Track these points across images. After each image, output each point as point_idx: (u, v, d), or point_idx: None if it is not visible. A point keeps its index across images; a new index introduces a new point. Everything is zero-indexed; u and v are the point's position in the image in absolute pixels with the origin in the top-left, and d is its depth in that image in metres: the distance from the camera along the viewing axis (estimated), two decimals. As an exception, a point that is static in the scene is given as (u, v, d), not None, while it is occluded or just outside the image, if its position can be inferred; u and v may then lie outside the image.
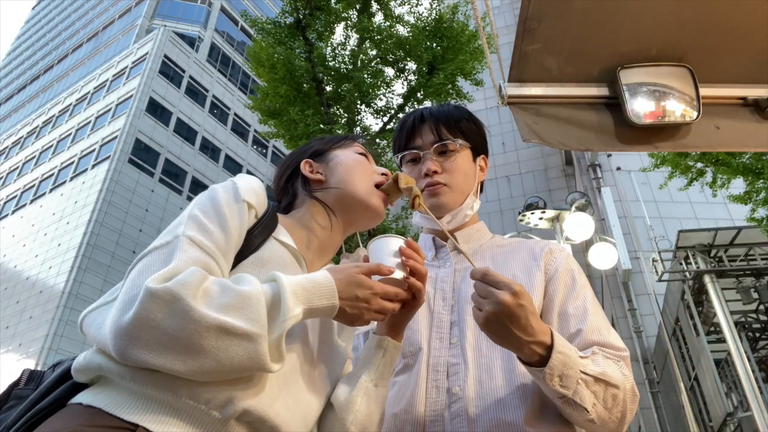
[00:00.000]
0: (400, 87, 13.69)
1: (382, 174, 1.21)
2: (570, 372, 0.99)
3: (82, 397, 0.84)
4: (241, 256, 0.98)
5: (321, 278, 0.92)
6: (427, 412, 1.12)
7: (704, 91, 1.60)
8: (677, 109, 1.59)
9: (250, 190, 1.02)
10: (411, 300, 1.03)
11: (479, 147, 1.43)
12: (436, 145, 1.36)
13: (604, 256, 7.57)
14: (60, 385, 0.89)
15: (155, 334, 0.77)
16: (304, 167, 1.21)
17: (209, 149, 32.06)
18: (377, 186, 1.19)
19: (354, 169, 1.19)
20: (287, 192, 1.23)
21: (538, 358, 0.99)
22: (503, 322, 0.95)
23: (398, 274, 1.00)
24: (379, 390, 1.04)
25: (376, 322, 1.08)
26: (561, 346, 1.00)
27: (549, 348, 0.99)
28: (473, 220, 1.42)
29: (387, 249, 1.03)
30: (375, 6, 11.25)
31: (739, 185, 7.46)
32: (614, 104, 1.63)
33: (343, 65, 10.81)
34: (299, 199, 1.20)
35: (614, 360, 1.10)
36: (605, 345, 1.13)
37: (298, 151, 1.28)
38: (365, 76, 10.52)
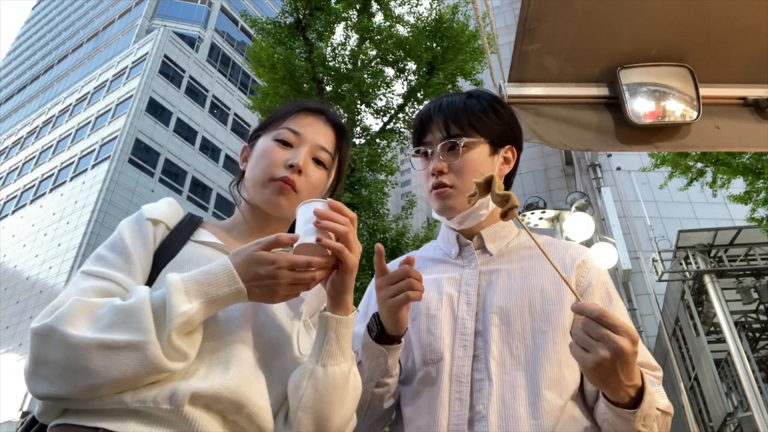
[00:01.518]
0: (400, 87, 13.71)
1: (290, 166, 1.10)
2: (652, 412, 0.98)
3: (53, 422, 0.90)
4: (161, 265, 1.00)
5: (217, 267, 0.90)
6: (450, 426, 1.09)
7: (704, 91, 1.60)
8: (677, 109, 1.59)
9: (154, 209, 1.06)
10: (340, 264, 0.96)
11: (501, 138, 1.30)
12: (442, 143, 1.27)
13: (604, 256, 7.57)
14: (31, 428, 0.95)
15: (49, 369, 0.82)
16: (241, 155, 1.22)
17: (209, 149, 32.05)
18: (283, 179, 1.09)
19: (260, 161, 1.12)
20: None
21: (629, 399, 0.97)
22: (615, 368, 0.89)
23: (308, 239, 0.92)
24: (329, 370, 0.96)
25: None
26: (650, 386, 0.98)
27: (640, 390, 0.96)
28: (496, 217, 1.29)
29: (304, 216, 0.96)
30: (375, 6, 11.25)
31: (739, 185, 7.46)
32: (614, 104, 1.63)
33: (343, 65, 10.81)
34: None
35: (658, 383, 1.11)
36: (646, 366, 1.12)
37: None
38: (365, 76, 10.52)
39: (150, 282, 0.99)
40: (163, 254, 1.02)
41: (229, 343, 0.95)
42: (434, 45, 10.64)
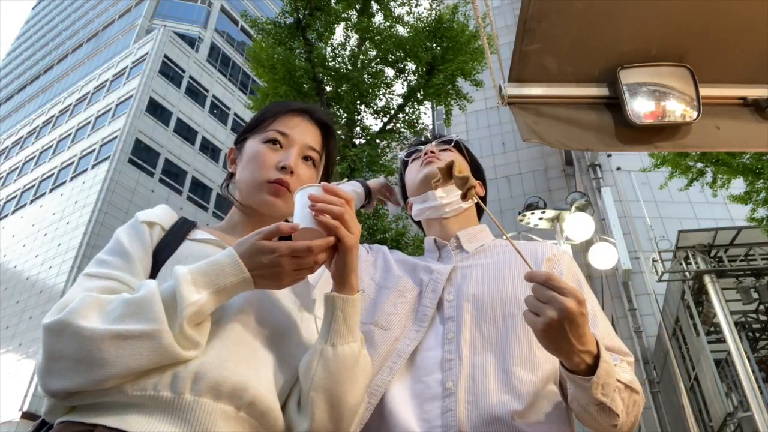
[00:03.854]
0: (399, 87, 13.72)
1: (282, 168, 1.12)
2: (610, 380, 1.00)
3: (55, 420, 0.92)
4: (160, 263, 1.03)
5: (223, 257, 0.93)
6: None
7: (704, 91, 1.60)
8: (677, 109, 1.59)
9: (149, 213, 1.09)
10: (339, 244, 0.99)
11: (475, 174, 1.52)
12: (437, 141, 1.51)
13: (604, 256, 7.57)
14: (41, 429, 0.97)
15: (62, 363, 0.84)
16: (228, 156, 1.24)
17: (209, 149, 32.05)
18: (277, 181, 1.12)
19: (250, 163, 1.15)
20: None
21: (585, 367, 0.99)
22: (564, 329, 0.93)
23: (305, 224, 0.95)
24: (338, 349, 0.98)
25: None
26: (605, 354, 1.01)
27: (596, 357, 0.99)
28: (474, 221, 1.45)
29: (300, 202, 0.99)
30: (375, 6, 11.26)
31: (739, 185, 7.46)
32: (614, 104, 1.63)
33: (343, 66, 10.81)
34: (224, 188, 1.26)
35: (629, 366, 1.15)
36: (616, 350, 1.16)
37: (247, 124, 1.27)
38: (365, 76, 10.52)
39: (151, 278, 1.01)
40: (163, 252, 1.04)
41: (232, 329, 0.97)
42: (434, 45, 10.65)
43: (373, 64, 10.96)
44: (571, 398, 1.11)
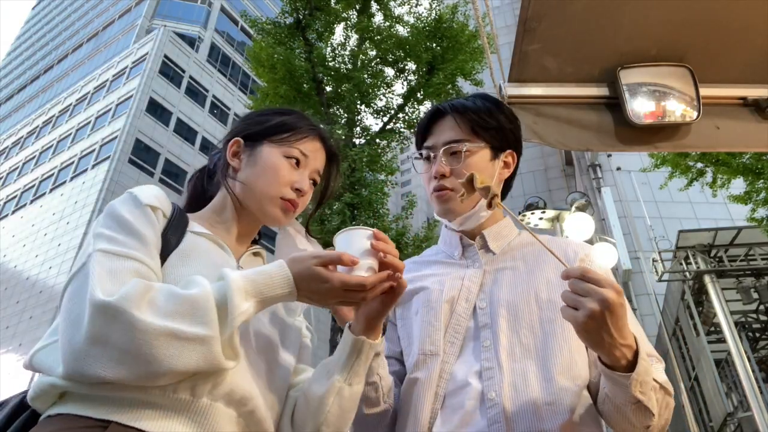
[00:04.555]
0: (400, 87, 13.70)
1: (297, 189, 1.14)
2: (648, 379, 0.99)
3: (51, 411, 0.86)
4: (166, 253, 0.99)
5: (275, 270, 0.92)
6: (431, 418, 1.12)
7: (704, 91, 1.60)
8: (677, 109, 1.59)
9: (149, 195, 1.02)
10: (389, 293, 1.00)
11: (502, 143, 1.33)
12: (445, 147, 1.29)
13: (604, 257, 7.56)
14: (15, 419, 0.90)
15: (106, 350, 0.79)
16: (230, 148, 1.19)
17: (209, 149, 31.72)
18: (290, 201, 1.13)
19: (267, 173, 1.13)
20: (217, 161, 1.22)
21: (625, 363, 0.97)
22: (605, 320, 0.91)
23: (365, 266, 0.96)
24: (353, 388, 1.03)
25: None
26: (644, 351, 0.99)
27: (635, 353, 0.97)
28: (497, 217, 1.36)
29: (355, 244, 0.98)
30: (375, 6, 11.26)
31: (739, 185, 7.46)
32: (614, 104, 1.63)
33: (343, 65, 10.81)
34: (216, 178, 1.20)
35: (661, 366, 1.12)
36: (650, 354, 1.13)
37: (246, 120, 1.24)
38: (365, 76, 10.52)
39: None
40: (167, 242, 1.01)
41: (244, 339, 0.97)
42: (434, 45, 10.65)
43: (373, 64, 10.97)
44: (603, 399, 1.08)
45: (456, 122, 1.31)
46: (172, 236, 1.02)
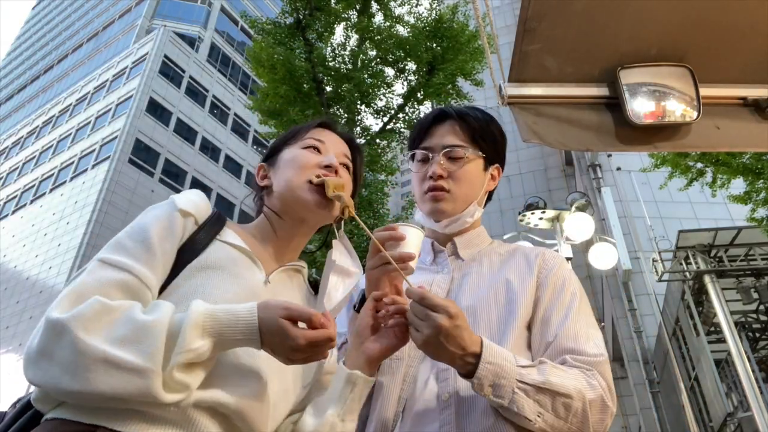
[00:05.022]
0: (400, 87, 13.69)
1: (326, 166, 1.15)
2: (503, 382, 1.01)
3: (49, 415, 0.89)
4: (185, 261, 0.99)
5: (243, 313, 0.89)
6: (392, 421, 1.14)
7: (704, 91, 1.60)
8: (677, 109, 1.59)
9: (187, 200, 1.04)
10: (401, 337, 1.07)
11: (494, 157, 1.39)
12: (446, 150, 1.33)
13: (604, 256, 7.56)
14: (21, 416, 0.93)
15: (50, 364, 0.82)
16: (258, 174, 1.23)
17: (209, 149, 32.02)
18: (317, 181, 1.13)
19: (289, 167, 1.16)
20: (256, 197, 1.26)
21: (472, 368, 1.01)
22: (440, 342, 0.98)
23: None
24: (346, 424, 1.04)
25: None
26: (491, 356, 1.02)
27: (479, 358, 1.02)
28: (474, 225, 1.40)
29: (416, 238, 1.08)
30: (375, 6, 11.26)
31: (739, 185, 7.46)
32: (614, 104, 1.62)
33: (343, 66, 10.81)
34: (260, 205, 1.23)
35: (582, 369, 1.09)
36: (577, 352, 1.11)
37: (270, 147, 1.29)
38: (365, 76, 10.52)
39: (172, 276, 0.98)
40: (188, 250, 1.00)
41: (237, 357, 0.96)
42: (434, 45, 10.64)
43: (373, 64, 10.96)
44: None
45: (458, 128, 1.35)
46: (196, 244, 1.01)
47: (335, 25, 10.99)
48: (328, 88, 10.68)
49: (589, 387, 1.05)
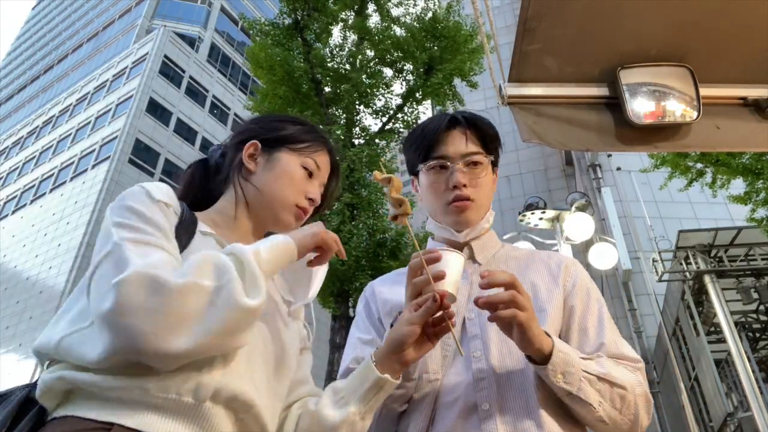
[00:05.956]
0: (398, 87, 13.71)
1: (309, 199, 1.18)
2: (572, 370, 1.05)
3: (57, 413, 0.86)
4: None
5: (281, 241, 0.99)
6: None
7: (704, 91, 1.60)
8: (677, 109, 1.58)
9: (160, 192, 1.03)
10: (429, 340, 1.07)
11: (497, 160, 1.40)
12: (467, 157, 1.30)
13: (605, 257, 7.56)
14: (21, 415, 0.88)
15: (139, 318, 0.79)
16: (248, 149, 1.19)
17: (209, 149, 32.01)
18: (298, 207, 1.17)
19: (283, 181, 1.16)
20: (227, 158, 1.23)
21: (544, 356, 1.05)
22: (531, 325, 1.02)
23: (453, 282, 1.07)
24: (365, 423, 1.05)
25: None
26: (561, 345, 1.07)
27: (552, 347, 1.05)
28: (486, 229, 1.39)
29: (456, 267, 1.09)
30: (372, 7, 11.26)
31: (739, 185, 7.46)
32: (614, 104, 1.62)
33: (341, 66, 10.81)
34: (229, 176, 1.21)
35: (629, 369, 1.15)
36: (622, 357, 1.17)
37: (261, 123, 1.26)
38: (363, 76, 10.52)
39: None
40: (179, 241, 1.00)
41: (250, 347, 0.97)
42: (432, 45, 10.64)
43: (371, 65, 10.97)
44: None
45: (471, 134, 1.33)
46: (182, 235, 1.01)
47: (333, 26, 11.00)
48: (327, 89, 10.68)
49: (638, 383, 1.13)
